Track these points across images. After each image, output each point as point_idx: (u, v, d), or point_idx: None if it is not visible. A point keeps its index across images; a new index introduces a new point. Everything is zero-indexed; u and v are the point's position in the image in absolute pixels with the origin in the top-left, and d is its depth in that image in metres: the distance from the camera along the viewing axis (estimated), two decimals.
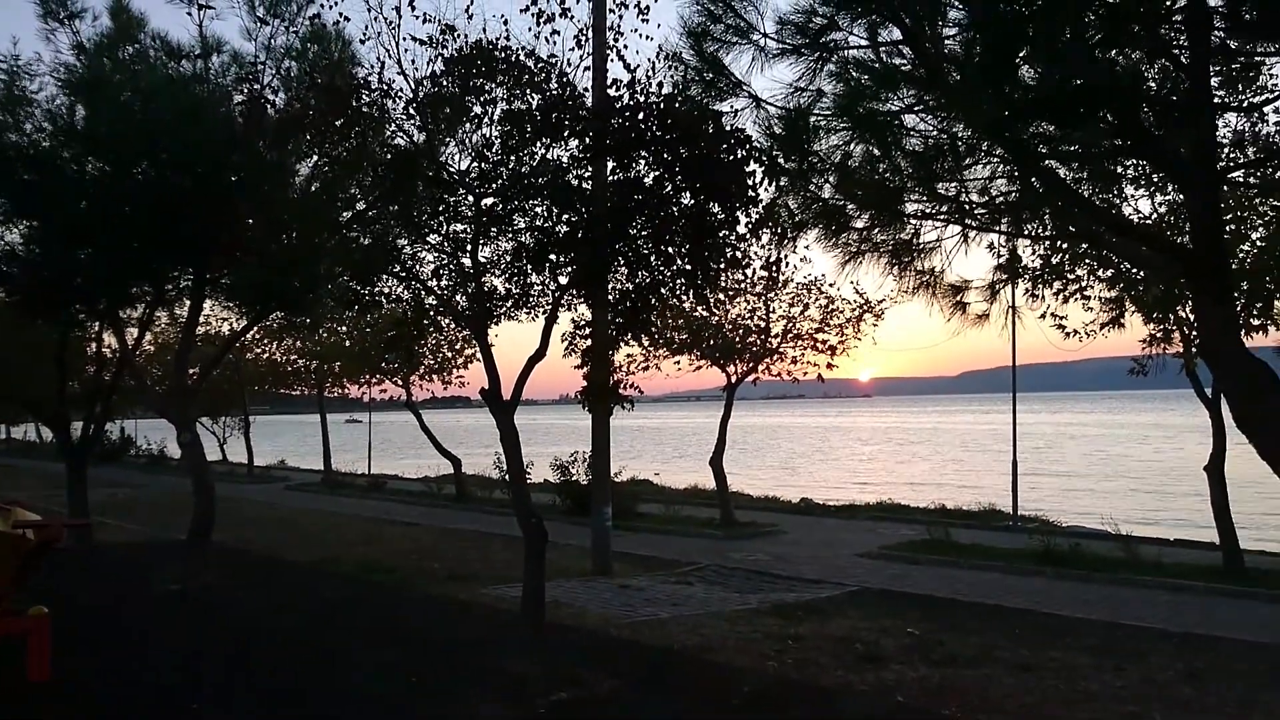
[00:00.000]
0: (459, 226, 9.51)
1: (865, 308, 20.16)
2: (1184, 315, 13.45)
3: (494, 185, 9.05)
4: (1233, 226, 11.83)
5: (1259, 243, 12.37)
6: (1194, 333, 13.40)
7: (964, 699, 7.94)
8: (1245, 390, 4.42)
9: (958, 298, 5.82)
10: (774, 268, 10.19)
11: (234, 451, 42.47)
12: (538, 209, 9.17)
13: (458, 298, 9.80)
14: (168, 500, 25.42)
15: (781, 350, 20.65)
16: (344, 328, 28.16)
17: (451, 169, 9.27)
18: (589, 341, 10.03)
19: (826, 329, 20.34)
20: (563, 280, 9.01)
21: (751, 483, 34.67)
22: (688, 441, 75.60)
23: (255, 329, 22.78)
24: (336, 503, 27.82)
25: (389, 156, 9.40)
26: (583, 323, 10.53)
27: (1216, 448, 13.95)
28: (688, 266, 8.50)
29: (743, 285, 19.37)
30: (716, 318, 19.94)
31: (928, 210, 5.25)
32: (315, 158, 12.58)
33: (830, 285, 19.99)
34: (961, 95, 4.38)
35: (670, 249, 8.69)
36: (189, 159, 12.35)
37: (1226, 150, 5.06)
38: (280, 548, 16.84)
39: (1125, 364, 15.10)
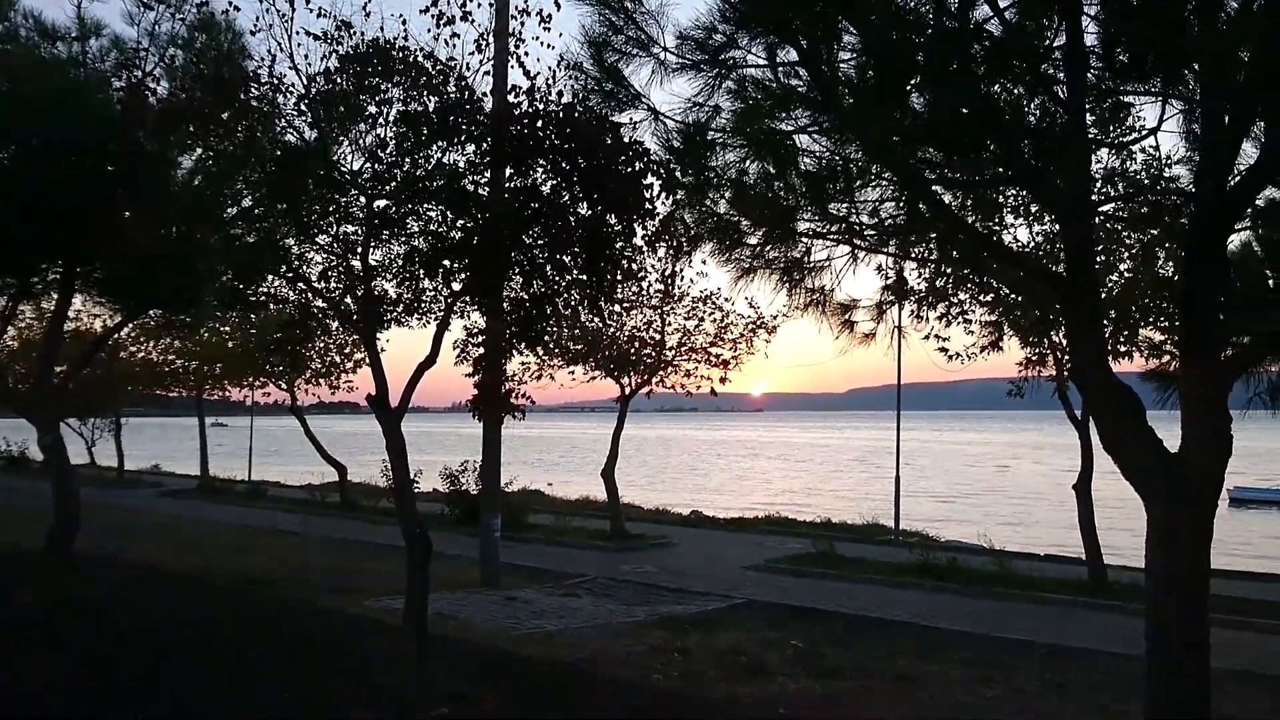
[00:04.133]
0: (350, 228, 9.25)
1: (758, 323, 20.48)
2: (1057, 340, 14.08)
3: (387, 187, 8.84)
4: (1103, 258, 12.45)
5: (1125, 274, 13.05)
6: (1066, 357, 14.05)
7: (845, 711, 8.09)
8: (1112, 414, 4.63)
9: (846, 316, 5.94)
10: (670, 281, 10.23)
11: (104, 454, 40.41)
12: (432, 213, 8.99)
13: (346, 301, 9.53)
14: (27, 506, 23.98)
15: (676, 363, 20.80)
16: (227, 328, 27.12)
17: (344, 169, 9.02)
18: (481, 349, 9.87)
19: (720, 343, 20.57)
20: (456, 287, 8.85)
21: (643, 495, 34.80)
22: (581, 452, 75.42)
23: (130, 327, 21.73)
24: (213, 510, 26.73)
25: (278, 153, 9.08)
26: (476, 330, 10.38)
27: (1084, 467, 14.62)
28: (582, 277, 8.46)
29: (639, 297, 19.45)
30: (612, 329, 19.95)
31: (819, 230, 5.33)
32: (199, 151, 12.07)
33: (725, 300, 20.26)
34: (853, 119, 4.47)
35: (566, 259, 8.64)
36: (61, 145, 11.70)
37: (1099, 185, 5.30)
38: (151, 557, 16.06)
39: (1004, 385, 15.72)
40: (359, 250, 9.14)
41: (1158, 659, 4.60)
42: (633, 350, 20.57)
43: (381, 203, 9.04)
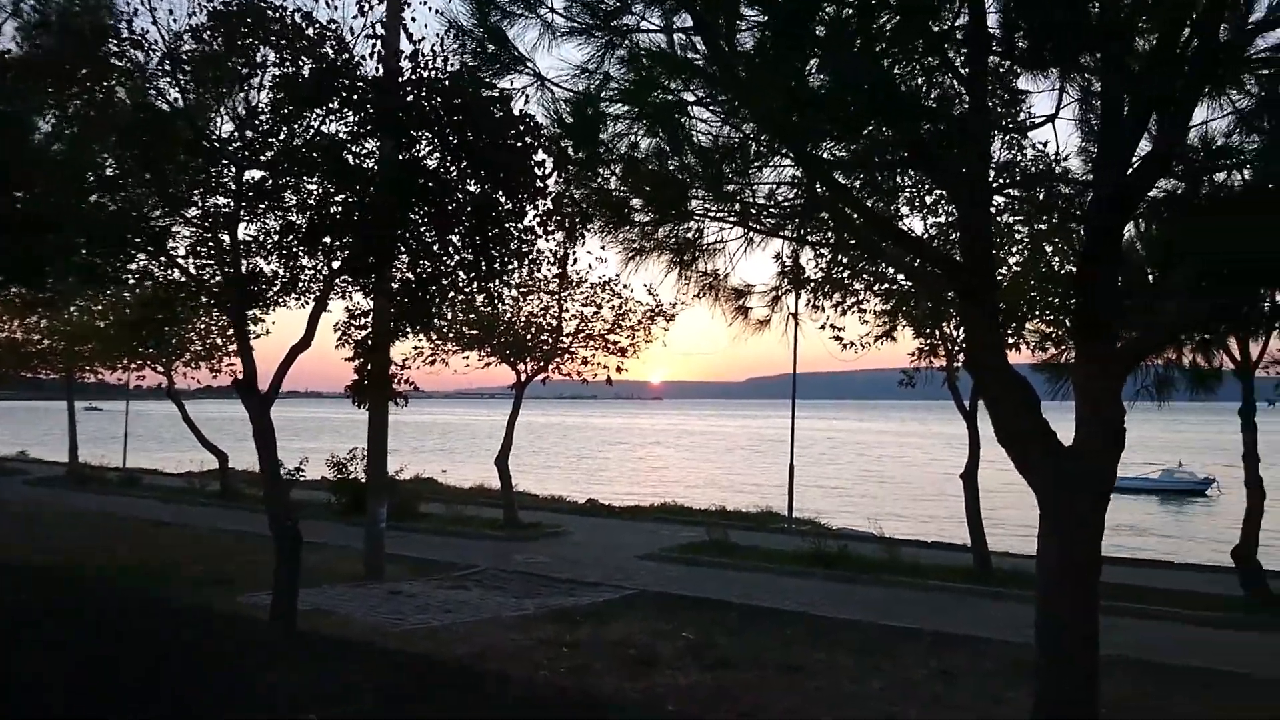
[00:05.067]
0: (220, 200, 8.66)
1: (657, 311, 20.29)
2: (948, 331, 14.27)
3: (262, 157, 8.29)
4: (995, 251, 12.62)
5: (1015, 266, 13.28)
6: (957, 348, 14.27)
7: (734, 704, 7.95)
8: (1008, 406, 4.54)
9: (740, 302, 5.74)
10: (563, 263, 9.90)
11: None
12: (311, 186, 8.48)
13: (216, 278, 8.93)
14: None
15: (573, 350, 20.46)
16: (99, 306, 25.56)
17: (213, 136, 8.42)
18: (363, 332, 9.39)
19: (618, 331, 20.32)
20: (336, 265, 8.37)
21: (540, 483, 34.43)
22: (480, 440, 74.48)
23: None
24: (83, 499, 25.25)
25: (140, 117, 8.42)
26: (359, 312, 9.89)
27: (972, 457, 14.90)
28: (470, 257, 8.08)
29: (535, 282, 19.07)
30: (508, 314, 19.50)
31: (712, 210, 5.10)
32: (57, 112, 11.19)
33: (624, 287, 20.02)
34: (748, 90, 4.24)
35: (454, 238, 8.26)
36: None
37: (996, 174, 5.21)
38: (10, 550, 14.99)
39: (897, 375, 15.88)
40: (229, 224, 8.57)
41: (1048, 650, 4.54)
42: (529, 336, 20.16)
43: (255, 174, 8.49)
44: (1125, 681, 9.09)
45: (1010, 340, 12.96)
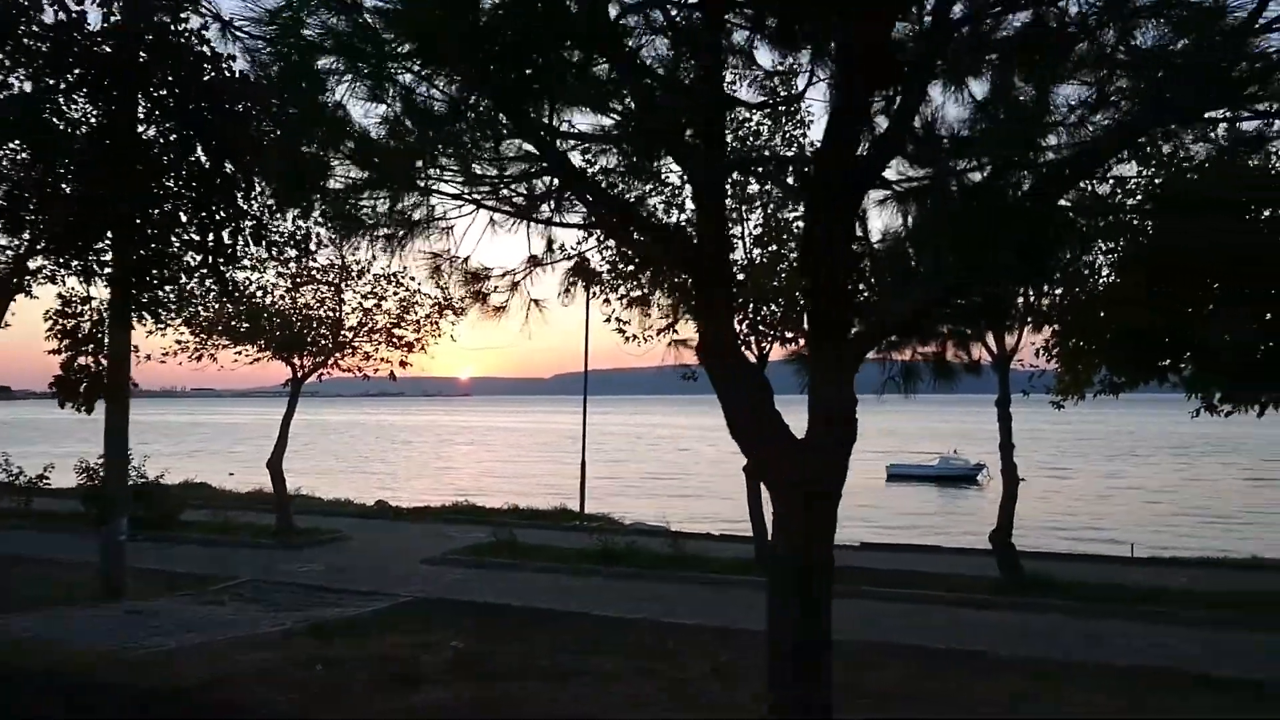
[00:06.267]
0: None
1: (445, 304, 19.47)
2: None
3: None
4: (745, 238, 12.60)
5: (764, 256, 13.31)
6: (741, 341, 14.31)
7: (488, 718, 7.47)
8: (739, 398, 4.27)
9: (478, 286, 5.25)
10: (302, 245, 9.06)
11: None
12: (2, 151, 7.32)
13: None
14: None
15: (355, 344, 19.35)
16: None
17: None
18: (75, 322, 8.25)
19: (403, 324, 19.38)
20: (29, 238, 7.26)
21: (329, 484, 32.72)
22: (273, 440, 70.44)
23: None
24: None
25: None
26: (76, 299, 8.71)
27: None
28: (195, 237, 7.18)
29: (310, 271, 17.91)
30: (278, 304, 18.21)
31: (430, 181, 4.56)
32: None
33: (410, 279, 19.09)
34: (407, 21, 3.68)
35: (182, 215, 7.33)
36: None
37: (735, 156, 4.96)
38: None
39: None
40: None
41: (781, 650, 4.31)
42: (308, 330, 18.88)
43: None
44: (892, 668, 9.28)
45: (764, 331, 13.04)
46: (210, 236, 7.10)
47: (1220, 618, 11.99)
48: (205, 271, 7.70)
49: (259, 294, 17.93)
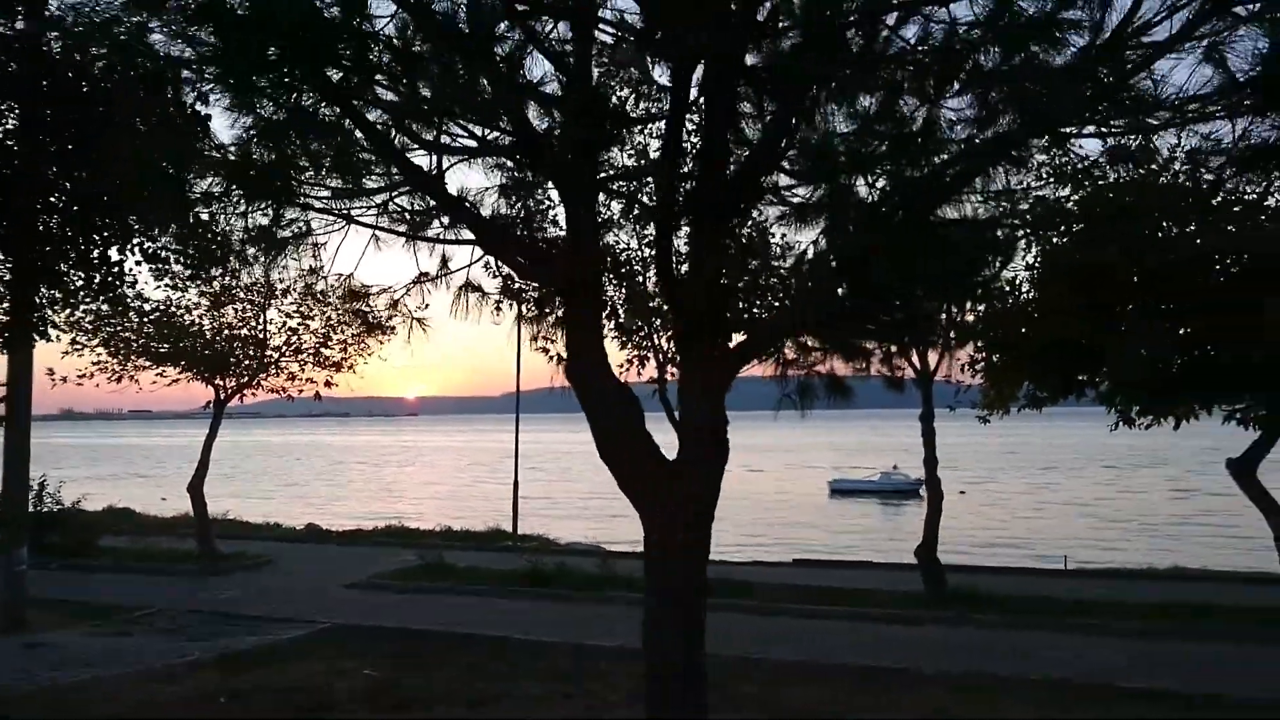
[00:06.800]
0: None
1: (375, 323, 19.08)
2: (659, 343, 14.16)
3: None
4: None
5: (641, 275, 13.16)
6: (666, 358, 14.18)
7: None
8: (607, 419, 4.15)
9: (358, 304, 5.09)
10: (196, 263, 8.71)
11: None
12: None
13: None
14: None
15: (282, 364, 18.90)
16: None
17: None
18: None
19: (330, 344, 18.97)
20: None
21: (260, 507, 31.98)
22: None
23: None
24: None
25: None
26: None
27: None
28: (81, 251, 6.90)
29: (233, 290, 17.48)
30: (196, 325, 17.72)
31: (314, 200, 4.40)
32: None
33: (338, 298, 18.69)
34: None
35: (67, 229, 7.03)
36: None
37: (604, 167, 4.84)
38: None
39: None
40: None
41: (662, 673, 4.18)
42: (232, 351, 18.40)
43: None
44: (811, 685, 9.21)
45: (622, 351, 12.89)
46: (95, 254, 6.81)
47: (1152, 629, 12.08)
48: (95, 289, 7.38)
49: (180, 313, 17.47)
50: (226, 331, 18.10)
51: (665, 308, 9.37)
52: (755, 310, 4.43)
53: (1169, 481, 53.71)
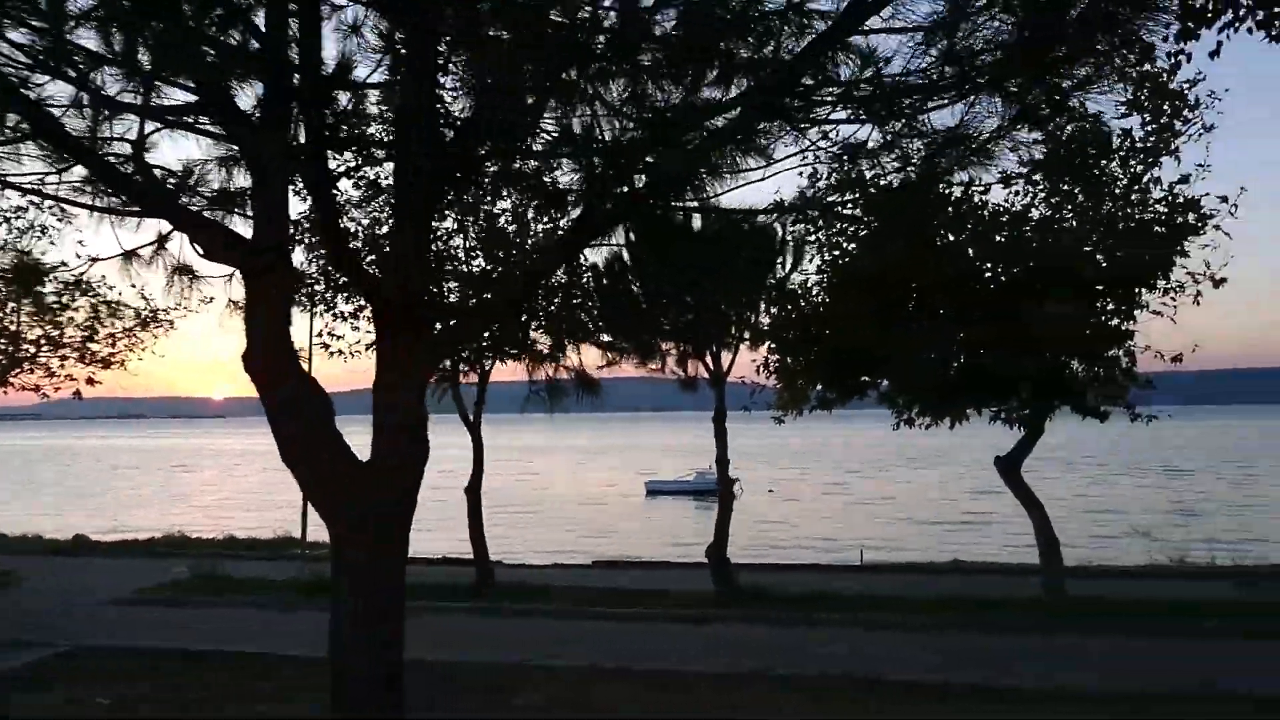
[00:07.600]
0: None
1: (151, 317, 17.55)
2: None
3: None
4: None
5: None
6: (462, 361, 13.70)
7: None
8: (291, 421, 3.72)
9: (35, 285, 4.43)
10: None
11: None
12: None
13: None
14: None
15: (38, 360, 17.08)
16: None
17: None
18: None
19: (96, 338, 17.30)
20: None
21: (30, 518, 29.25)
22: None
23: None
24: None
25: None
26: None
27: (475, 470, 14.44)
28: None
29: None
30: None
31: None
32: None
33: (109, 288, 17.06)
34: None
35: None
36: None
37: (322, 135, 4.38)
38: None
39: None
40: None
41: (356, 680, 3.79)
42: None
43: None
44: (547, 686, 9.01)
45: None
46: None
47: (941, 621, 12.33)
48: None
49: None
50: None
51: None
52: (464, 296, 4.10)
53: (958, 479, 57.03)
